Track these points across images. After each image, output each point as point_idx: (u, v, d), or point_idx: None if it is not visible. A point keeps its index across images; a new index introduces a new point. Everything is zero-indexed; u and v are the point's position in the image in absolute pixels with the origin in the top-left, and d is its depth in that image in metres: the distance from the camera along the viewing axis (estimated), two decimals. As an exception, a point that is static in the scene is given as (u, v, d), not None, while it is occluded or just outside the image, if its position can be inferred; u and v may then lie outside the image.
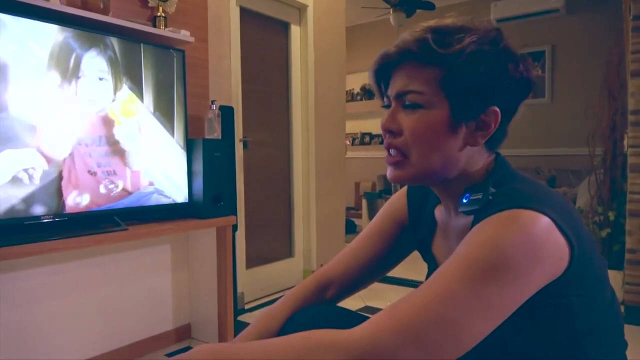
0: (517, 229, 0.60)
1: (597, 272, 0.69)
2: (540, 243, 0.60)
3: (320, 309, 0.91)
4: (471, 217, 0.71)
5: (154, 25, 2.17)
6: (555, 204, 0.64)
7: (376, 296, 3.08)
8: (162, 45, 2.09)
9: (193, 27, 2.37)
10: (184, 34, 2.21)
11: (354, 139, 6.79)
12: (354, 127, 6.59)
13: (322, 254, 3.54)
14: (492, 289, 0.58)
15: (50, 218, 1.72)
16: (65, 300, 1.97)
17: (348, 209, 4.81)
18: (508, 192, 0.67)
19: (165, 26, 2.19)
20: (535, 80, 0.74)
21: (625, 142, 2.86)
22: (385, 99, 0.77)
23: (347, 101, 4.50)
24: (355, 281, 0.94)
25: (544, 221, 0.61)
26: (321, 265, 3.46)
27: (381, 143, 6.80)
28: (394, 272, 1.00)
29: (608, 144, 3.03)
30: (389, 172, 0.77)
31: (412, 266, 1.04)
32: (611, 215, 2.90)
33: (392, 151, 0.75)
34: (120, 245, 2.15)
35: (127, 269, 2.20)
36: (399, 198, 0.95)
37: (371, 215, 5.66)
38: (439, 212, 0.86)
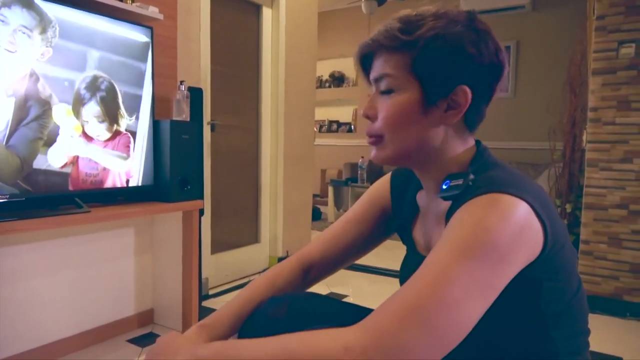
0: (500, 212, 0.62)
1: (568, 261, 0.72)
2: (521, 226, 0.63)
3: (298, 298, 0.91)
4: (449, 203, 0.74)
5: (121, 0, 2.08)
6: (533, 192, 0.67)
7: (340, 282, 3.11)
8: (129, 21, 2.01)
9: (162, 5, 2.29)
10: (153, 11, 2.13)
11: (321, 126, 6.78)
12: (322, 114, 6.58)
13: (289, 240, 3.53)
14: (485, 266, 0.60)
15: (5, 198, 1.63)
16: (22, 284, 1.88)
17: (314, 196, 4.81)
18: (487, 178, 0.70)
19: (133, 1, 2.11)
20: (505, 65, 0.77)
21: (584, 138, 2.97)
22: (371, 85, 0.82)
23: (316, 88, 4.48)
24: (333, 263, 0.99)
25: (523, 206, 0.63)
26: (287, 252, 3.46)
27: (349, 131, 6.80)
28: (361, 260, 1.05)
29: (568, 139, 3.15)
30: (372, 153, 0.82)
31: (382, 255, 1.05)
32: (568, 208, 3.03)
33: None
34: (82, 228, 2.07)
35: (88, 252, 2.12)
36: (382, 184, 0.99)
37: (337, 202, 5.69)
38: (420, 196, 0.89)
